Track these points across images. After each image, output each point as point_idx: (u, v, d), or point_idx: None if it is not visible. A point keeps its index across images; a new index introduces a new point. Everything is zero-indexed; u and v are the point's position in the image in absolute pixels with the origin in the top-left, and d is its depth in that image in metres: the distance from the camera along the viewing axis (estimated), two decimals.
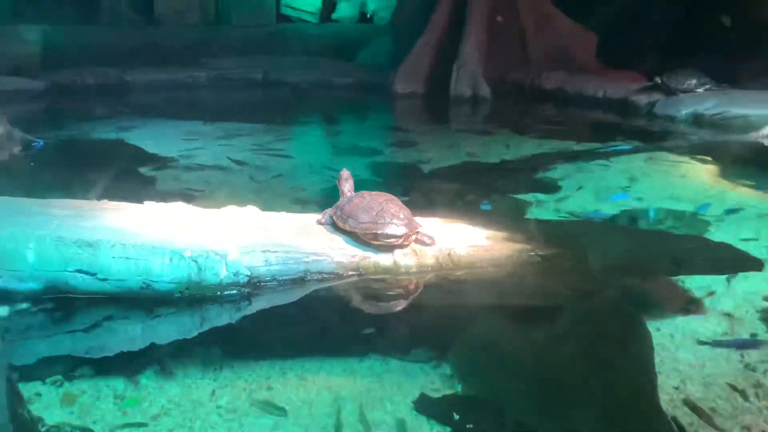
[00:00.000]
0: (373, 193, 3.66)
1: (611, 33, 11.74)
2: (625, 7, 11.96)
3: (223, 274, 3.18)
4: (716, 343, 3.21)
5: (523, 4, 11.28)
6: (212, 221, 3.58)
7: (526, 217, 5.01)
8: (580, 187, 5.83)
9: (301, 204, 5.18)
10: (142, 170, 6.33)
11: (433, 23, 11.39)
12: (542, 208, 5.25)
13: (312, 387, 2.92)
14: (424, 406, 2.78)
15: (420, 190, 6.01)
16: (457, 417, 2.69)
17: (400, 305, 3.40)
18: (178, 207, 3.81)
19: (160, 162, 6.63)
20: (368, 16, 16.26)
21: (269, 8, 14.90)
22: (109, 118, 8.91)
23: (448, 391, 2.87)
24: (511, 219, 4.75)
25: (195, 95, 11.26)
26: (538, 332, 3.16)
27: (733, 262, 3.81)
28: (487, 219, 4.44)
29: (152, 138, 7.69)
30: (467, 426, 2.66)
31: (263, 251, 3.30)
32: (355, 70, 12.95)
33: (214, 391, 2.83)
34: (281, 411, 2.73)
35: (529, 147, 7.55)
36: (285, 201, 5.27)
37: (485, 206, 5.36)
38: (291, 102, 11.21)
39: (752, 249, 4.15)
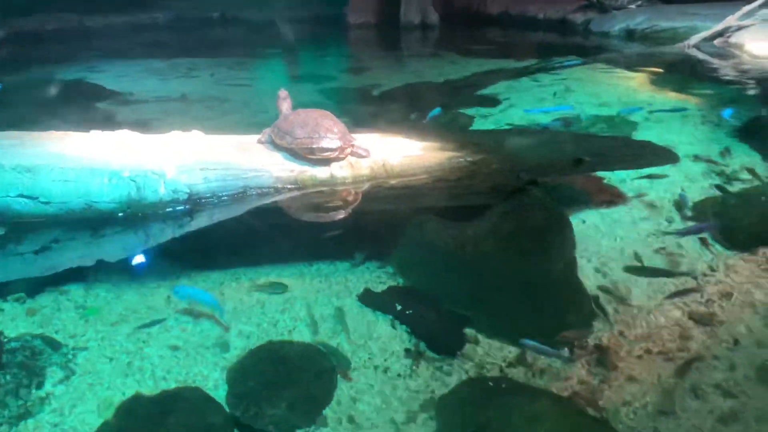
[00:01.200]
0: (309, 110, 3.55)
1: None
2: None
3: (162, 192, 3.09)
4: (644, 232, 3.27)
5: None
6: (153, 145, 3.46)
7: (467, 129, 4.97)
8: (519, 100, 5.77)
9: (253, 128, 5.05)
10: (101, 105, 6.13)
11: None
12: (483, 120, 5.19)
13: (264, 290, 2.92)
14: (368, 299, 2.82)
15: (368, 110, 5.92)
16: (398, 307, 2.74)
17: (340, 214, 3.36)
18: (122, 134, 3.67)
19: (119, 98, 6.41)
20: None
21: None
22: (69, 61, 8.53)
23: (392, 285, 2.91)
24: (450, 131, 4.70)
25: (154, 36, 10.82)
26: (468, 229, 3.15)
27: (653, 157, 3.80)
28: (426, 132, 4.37)
29: (112, 77, 7.42)
30: (406, 312, 2.69)
31: (201, 169, 3.21)
32: (311, 3, 12.51)
33: (169, 297, 2.84)
34: (233, 312, 2.73)
35: (473, 67, 7.43)
36: (238, 126, 5.13)
37: (434, 112, 5.29)
38: (248, 38, 10.84)
39: (671, 145, 4.16)
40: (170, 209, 3.15)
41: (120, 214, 3.09)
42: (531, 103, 5.61)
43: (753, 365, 2.35)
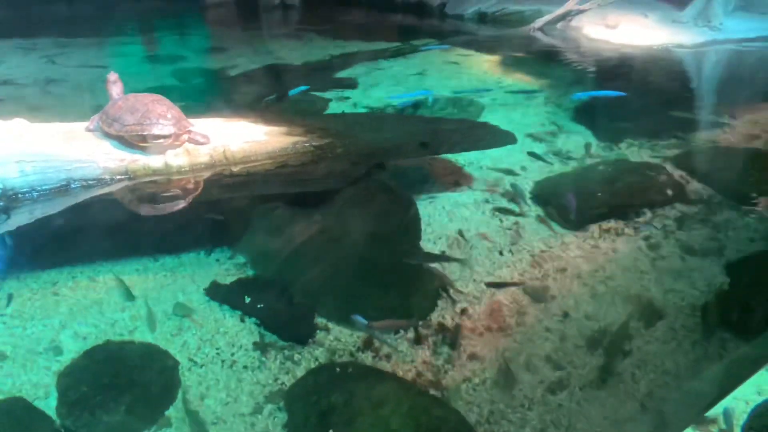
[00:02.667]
0: (140, 95, 3.27)
1: None
2: None
3: None
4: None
5: None
6: None
7: (320, 113, 4.84)
8: (376, 83, 5.72)
9: (90, 114, 4.64)
10: None
11: None
12: (340, 103, 5.08)
13: (102, 288, 2.68)
14: (216, 292, 2.66)
15: (220, 93, 5.66)
16: (247, 299, 2.60)
17: (179, 204, 3.13)
18: None
19: None
20: None
21: None
22: None
23: (240, 276, 2.77)
24: (300, 115, 4.55)
25: None
26: (315, 215, 3.05)
27: (495, 138, 3.87)
28: (273, 116, 4.20)
29: None
30: (257, 305, 2.56)
31: (17, 162, 2.87)
32: None
33: None
34: (69, 313, 2.52)
35: (332, 49, 7.30)
36: (75, 113, 4.69)
37: (298, 89, 5.11)
38: (96, 16, 10.03)
39: (512, 126, 4.27)
40: None
41: None
42: (388, 86, 5.57)
43: (582, 336, 2.44)
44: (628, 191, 3.41)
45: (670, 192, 3.41)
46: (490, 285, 2.72)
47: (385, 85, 5.67)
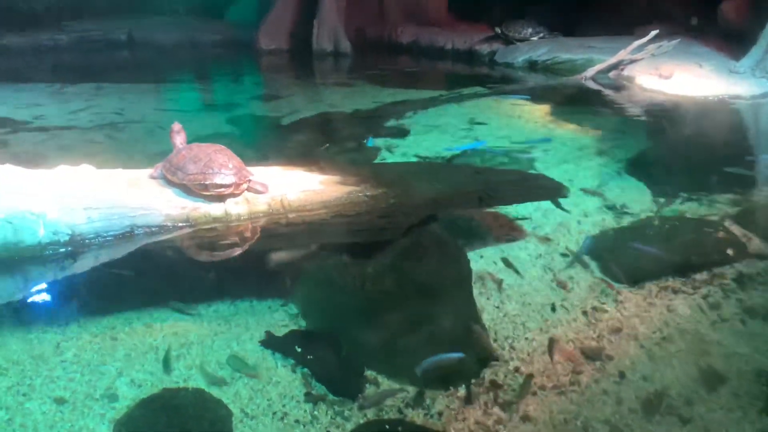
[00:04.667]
0: (203, 144, 3.41)
1: None
2: None
3: (42, 234, 2.88)
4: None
5: None
6: (37, 182, 3.23)
7: (375, 161, 4.95)
8: (427, 132, 5.82)
9: (151, 160, 4.84)
10: None
11: None
12: (391, 152, 5.18)
13: (158, 334, 2.77)
14: (270, 342, 2.73)
15: (275, 140, 5.82)
16: (299, 350, 2.65)
17: (236, 252, 3.23)
18: (4, 169, 3.41)
19: (13, 126, 6.02)
20: None
21: None
22: None
23: (293, 327, 2.83)
24: (354, 164, 4.66)
25: (57, 58, 10.34)
26: (368, 266, 3.10)
27: (547, 190, 3.89)
28: (329, 165, 4.30)
29: (8, 103, 6.98)
30: (308, 357, 2.61)
31: (85, 208, 3.02)
32: (223, 27, 12.32)
33: (59, 344, 2.66)
34: (126, 358, 2.59)
35: (383, 96, 7.46)
36: (137, 158, 4.92)
37: (370, 142, 5.25)
38: (156, 62, 10.51)
39: (565, 178, 4.29)
40: (51, 252, 2.93)
41: None
42: (438, 135, 5.66)
43: (638, 399, 2.39)
44: (686, 248, 3.37)
45: (729, 250, 3.35)
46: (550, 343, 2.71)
47: (435, 133, 5.76)
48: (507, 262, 3.33)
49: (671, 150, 4.99)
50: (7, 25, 11.03)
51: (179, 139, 3.59)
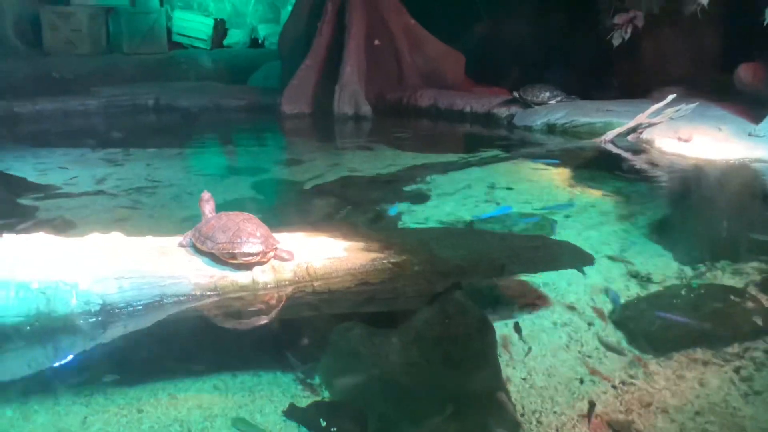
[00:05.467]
0: (231, 213, 3.51)
1: (477, 53, 12.09)
2: (487, 31, 12.36)
3: (74, 303, 2.95)
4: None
5: (397, 29, 11.38)
6: (69, 250, 3.32)
7: (395, 226, 5.01)
8: (447, 196, 5.89)
9: (180, 229, 4.94)
10: (23, 201, 5.86)
11: (315, 48, 11.32)
12: (412, 217, 5.25)
13: (183, 406, 2.79)
14: (293, 414, 2.72)
15: (298, 205, 5.92)
16: (323, 423, 2.65)
17: (261, 320, 3.27)
18: (38, 238, 3.52)
19: (43, 191, 6.18)
20: (259, 41, 16.07)
21: (160, 36, 14.42)
22: None
23: (316, 399, 2.83)
24: (376, 230, 4.72)
25: (85, 123, 10.67)
26: (392, 336, 3.12)
27: (571, 258, 3.92)
28: (352, 231, 4.38)
29: (38, 168, 7.18)
30: (332, 429, 2.61)
31: (116, 278, 3.09)
32: (247, 92, 12.68)
33: (86, 418, 2.67)
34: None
35: (403, 160, 7.57)
36: (164, 224, 5.04)
37: (392, 210, 5.34)
38: (182, 126, 10.82)
39: (587, 244, 4.31)
40: (82, 321, 2.99)
41: (27, 328, 2.92)
42: (459, 199, 5.72)
43: None
44: (714, 318, 3.35)
45: (759, 320, 3.33)
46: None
47: (456, 197, 5.83)
48: (533, 332, 3.32)
49: (694, 215, 5.00)
50: (40, 91, 11.46)
51: (208, 208, 3.70)
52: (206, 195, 3.78)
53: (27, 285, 2.91)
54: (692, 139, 7.08)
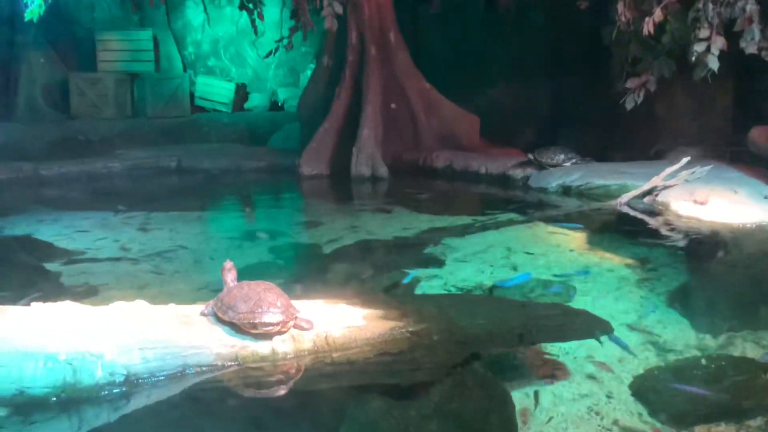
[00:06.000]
0: (252, 282, 3.59)
1: (492, 115, 12.33)
2: (501, 93, 12.65)
3: (99, 374, 3.01)
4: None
5: (413, 93, 11.68)
6: (95, 320, 3.41)
7: (413, 292, 5.05)
8: (464, 260, 5.92)
9: (201, 294, 5.02)
10: (48, 266, 5.98)
11: (334, 111, 11.63)
12: (429, 282, 5.28)
13: None
14: None
15: (316, 270, 5.98)
16: None
17: (280, 391, 3.31)
18: (65, 306, 3.61)
19: (67, 256, 6.31)
20: (279, 104, 16.49)
21: (183, 100, 14.89)
22: (19, 213, 8.47)
23: None
24: (393, 296, 4.76)
25: (110, 185, 10.95)
26: (411, 409, 3.13)
27: (589, 327, 3.94)
28: (370, 297, 4.43)
29: (62, 232, 7.35)
30: None
31: (140, 348, 3.16)
32: (267, 154, 12.98)
33: None
34: None
35: (420, 223, 7.65)
36: (185, 291, 5.12)
37: (410, 275, 5.37)
38: (203, 188, 11.06)
39: (605, 312, 4.32)
40: (106, 392, 3.05)
41: (53, 399, 2.98)
42: (476, 264, 5.75)
43: None
44: (736, 390, 3.32)
45: None
46: None
47: (473, 263, 5.86)
48: (552, 403, 3.31)
49: (713, 281, 4.99)
50: (66, 154, 11.83)
51: (230, 277, 3.79)
52: (228, 264, 3.87)
53: (55, 356, 2.99)
54: (708, 201, 7.11)
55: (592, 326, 3.88)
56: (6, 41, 14.07)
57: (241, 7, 12.25)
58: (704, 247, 6.23)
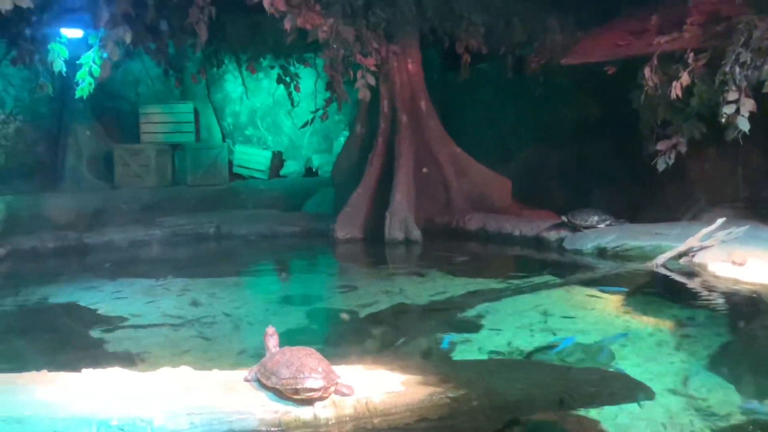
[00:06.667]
0: (294, 348, 3.68)
1: (523, 177, 12.45)
2: (532, 156, 12.81)
3: None
4: None
5: (444, 158, 11.90)
6: (143, 386, 3.53)
7: (451, 357, 5.07)
8: (500, 324, 5.92)
9: (241, 359, 5.12)
10: (93, 333, 6.18)
11: (367, 176, 11.87)
12: (467, 347, 5.29)
13: None
14: None
15: (353, 335, 6.05)
16: None
17: None
18: (114, 373, 3.76)
19: (111, 323, 6.50)
20: (313, 170, 16.89)
21: (222, 169, 15.37)
22: (64, 281, 8.76)
23: None
24: (431, 361, 4.80)
25: (151, 252, 11.25)
26: None
27: (630, 391, 3.92)
28: (408, 362, 4.48)
29: (106, 299, 7.58)
30: None
31: (188, 414, 3.25)
32: (302, 219, 13.20)
33: None
34: None
35: (455, 287, 7.68)
36: (226, 356, 5.23)
37: (447, 339, 5.41)
38: (240, 253, 11.29)
39: (647, 377, 4.28)
40: None
41: None
42: (512, 328, 5.74)
43: None
44: None
45: None
46: None
47: (509, 326, 5.86)
48: None
49: (754, 343, 4.90)
50: (109, 223, 12.24)
51: (272, 342, 3.89)
52: (270, 330, 3.99)
53: (107, 422, 3.10)
54: (746, 262, 7.03)
55: (633, 391, 3.86)
56: (56, 116, 14.86)
57: (279, 80, 12.79)
58: (744, 309, 6.13)
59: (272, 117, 17.45)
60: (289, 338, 4.90)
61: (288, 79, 12.50)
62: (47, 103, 14.61)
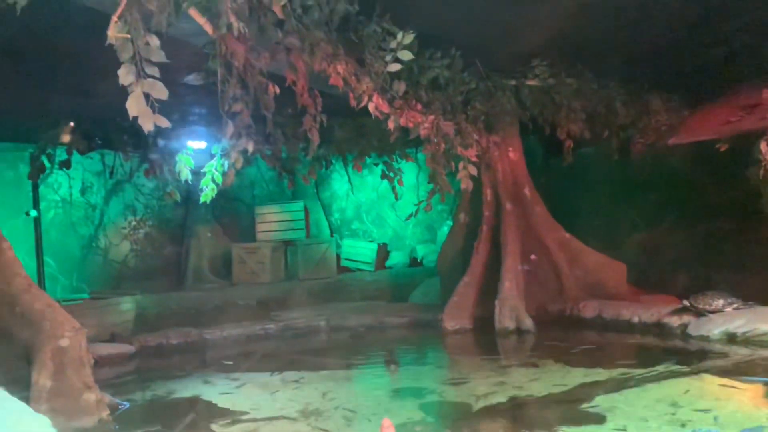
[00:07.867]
0: None
1: (638, 261, 11.93)
2: (646, 239, 12.31)
3: None
4: None
5: (552, 244, 11.65)
6: None
7: None
8: (627, 419, 5.58)
9: None
10: (214, 427, 6.39)
11: (473, 265, 11.78)
12: None
13: None
14: None
15: (468, 429, 5.88)
16: None
17: None
18: None
19: (231, 417, 6.70)
20: (418, 260, 17.01)
21: (330, 263, 15.80)
22: (187, 376, 9.14)
23: None
24: None
25: (265, 346, 11.56)
26: None
27: None
28: None
29: (225, 393, 7.84)
30: None
31: None
32: (408, 309, 13.21)
33: None
34: None
35: (573, 377, 7.35)
36: None
37: None
38: (350, 345, 11.37)
39: None
40: None
41: None
42: (638, 423, 5.39)
43: None
44: None
45: None
46: None
47: (635, 420, 5.52)
48: None
49: None
50: (228, 318, 12.80)
51: None
52: (386, 422, 3.98)
53: None
54: None
55: None
56: (180, 220, 16.03)
57: (383, 176, 13.21)
58: None
59: (377, 210, 17.93)
60: None
61: (391, 174, 12.89)
62: (172, 209, 15.84)
